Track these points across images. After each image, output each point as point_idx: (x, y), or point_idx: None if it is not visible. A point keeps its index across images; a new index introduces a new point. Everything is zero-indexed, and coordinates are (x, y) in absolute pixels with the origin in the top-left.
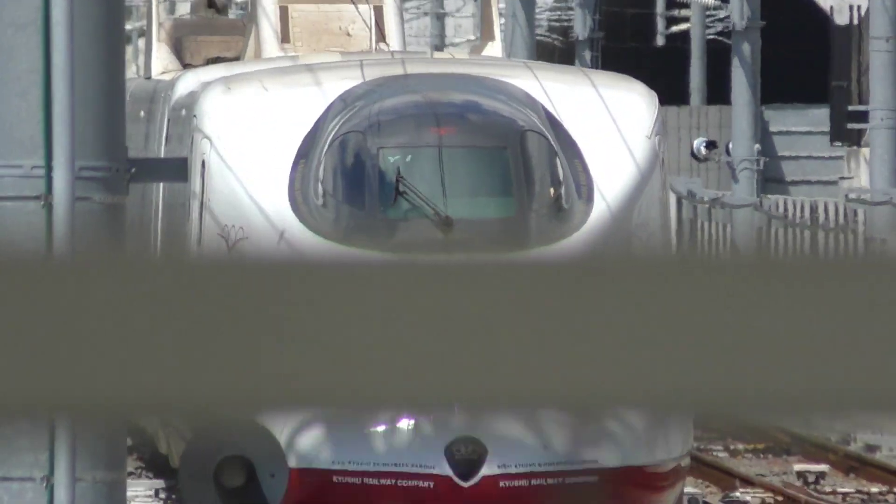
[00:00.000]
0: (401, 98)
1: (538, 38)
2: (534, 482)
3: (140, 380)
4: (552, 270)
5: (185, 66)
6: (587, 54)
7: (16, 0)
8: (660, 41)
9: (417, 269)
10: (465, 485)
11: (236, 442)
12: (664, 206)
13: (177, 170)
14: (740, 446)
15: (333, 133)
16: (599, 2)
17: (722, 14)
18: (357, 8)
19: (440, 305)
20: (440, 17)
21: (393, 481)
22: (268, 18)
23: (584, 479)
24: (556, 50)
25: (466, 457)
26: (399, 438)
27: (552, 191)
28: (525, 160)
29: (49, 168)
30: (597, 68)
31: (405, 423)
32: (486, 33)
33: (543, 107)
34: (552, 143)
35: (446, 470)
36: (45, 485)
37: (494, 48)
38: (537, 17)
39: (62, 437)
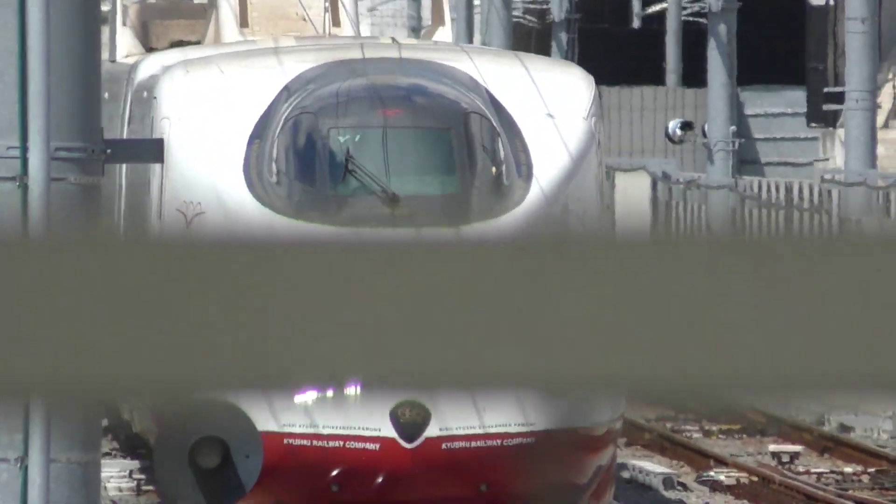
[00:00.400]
0: (350, 81)
1: (514, 19)
2: (474, 444)
3: (114, 360)
4: (519, 248)
5: (150, 49)
6: (563, 36)
7: None
8: (636, 23)
9: (375, 247)
10: (409, 446)
11: (211, 422)
12: (600, 183)
13: (152, 151)
14: (714, 427)
15: (286, 114)
16: None
17: None
18: None
19: (397, 284)
20: None
21: (341, 443)
22: (228, 3)
23: (522, 441)
24: (532, 32)
25: (410, 420)
26: (347, 403)
27: (493, 169)
28: (468, 140)
29: (24, 149)
30: (573, 50)
31: (353, 389)
32: (436, 18)
33: (486, 90)
34: (494, 124)
35: (391, 432)
36: (19, 465)
37: (444, 33)
38: None
39: (37, 418)
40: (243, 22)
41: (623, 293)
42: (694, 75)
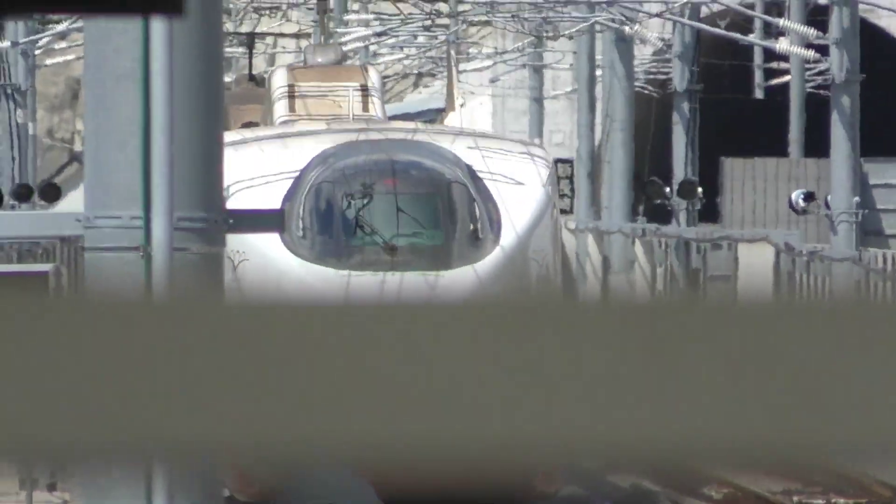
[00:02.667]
0: (361, 157)
1: (636, 89)
2: None
3: (231, 422)
4: (617, 312)
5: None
6: (685, 106)
7: (116, 51)
8: (758, 93)
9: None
10: None
11: (327, 490)
12: (556, 238)
13: (273, 221)
14: (841, 500)
15: (311, 182)
16: (698, 54)
17: (821, 66)
18: (346, 87)
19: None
20: (538, 70)
21: None
22: (280, 93)
23: None
24: (653, 101)
25: None
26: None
27: (470, 226)
28: (450, 204)
29: (147, 219)
30: (694, 120)
31: None
32: (448, 104)
33: (466, 164)
34: (471, 191)
35: None
36: None
37: (454, 118)
38: (635, 68)
39: (159, 476)
40: (291, 108)
41: (737, 358)
42: (817, 146)
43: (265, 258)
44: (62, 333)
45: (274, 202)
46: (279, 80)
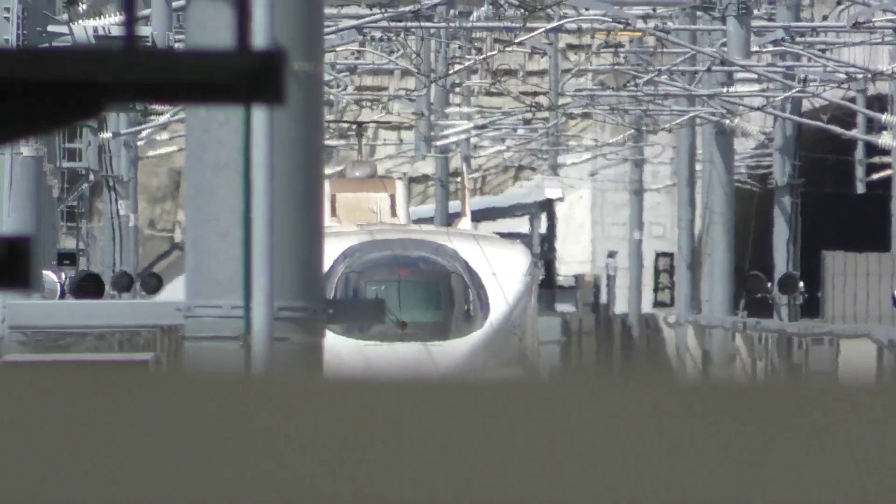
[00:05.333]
0: (379, 253)
1: (736, 184)
2: None
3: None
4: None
5: None
6: (786, 200)
7: (216, 142)
8: (860, 188)
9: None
10: None
11: None
12: (533, 318)
13: (374, 310)
14: None
15: (340, 272)
16: (799, 148)
17: None
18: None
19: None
20: (638, 164)
21: None
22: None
23: None
24: (753, 195)
25: None
26: None
27: (465, 307)
28: (449, 290)
29: (248, 308)
30: (795, 214)
31: None
32: (462, 211)
33: (463, 258)
34: (466, 280)
35: None
36: None
37: (465, 222)
38: (736, 163)
39: None
40: (333, 213)
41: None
42: None
43: None
44: (164, 413)
45: None
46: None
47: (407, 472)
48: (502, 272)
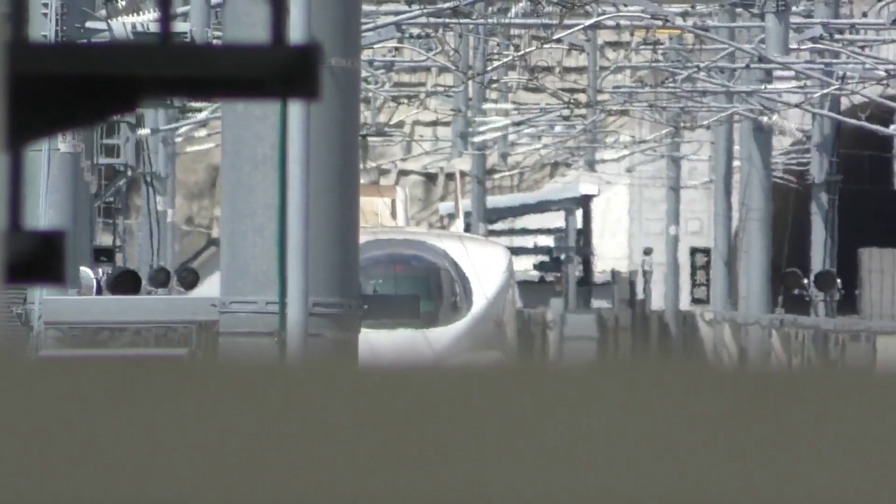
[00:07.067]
0: (377, 251)
1: (774, 180)
2: None
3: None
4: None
5: None
6: (824, 197)
7: (254, 137)
8: None
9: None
10: None
11: None
12: (512, 307)
13: (408, 305)
14: None
15: None
16: (837, 145)
17: None
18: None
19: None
20: (676, 160)
21: None
22: None
23: None
24: (791, 192)
25: None
26: None
27: (452, 298)
28: (438, 283)
29: (283, 304)
30: (833, 211)
31: None
32: (456, 212)
33: (450, 256)
34: (452, 274)
35: None
36: None
37: (458, 224)
38: (774, 160)
39: None
40: None
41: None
42: None
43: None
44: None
45: None
46: None
47: (433, 463)
48: (484, 268)
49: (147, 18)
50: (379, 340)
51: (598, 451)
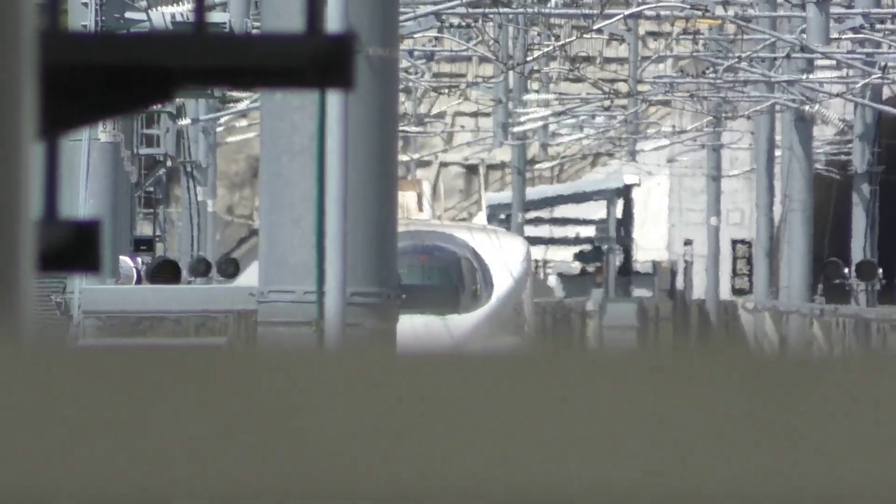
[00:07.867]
0: (404, 242)
1: (815, 171)
2: None
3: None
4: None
5: None
6: (865, 187)
7: (291, 128)
8: None
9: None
10: None
11: None
12: (530, 296)
13: (447, 295)
14: None
15: None
16: (880, 135)
17: None
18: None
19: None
20: (716, 150)
21: None
22: None
23: None
24: (833, 183)
25: None
26: None
27: (474, 287)
28: (460, 272)
29: (321, 294)
30: (875, 201)
31: None
32: (478, 207)
33: (472, 246)
34: (474, 263)
35: None
36: None
37: (481, 216)
38: (815, 150)
39: None
40: None
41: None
42: None
43: None
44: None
45: None
46: None
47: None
48: (504, 258)
49: (186, 9)
50: (402, 326)
51: (613, 438)
